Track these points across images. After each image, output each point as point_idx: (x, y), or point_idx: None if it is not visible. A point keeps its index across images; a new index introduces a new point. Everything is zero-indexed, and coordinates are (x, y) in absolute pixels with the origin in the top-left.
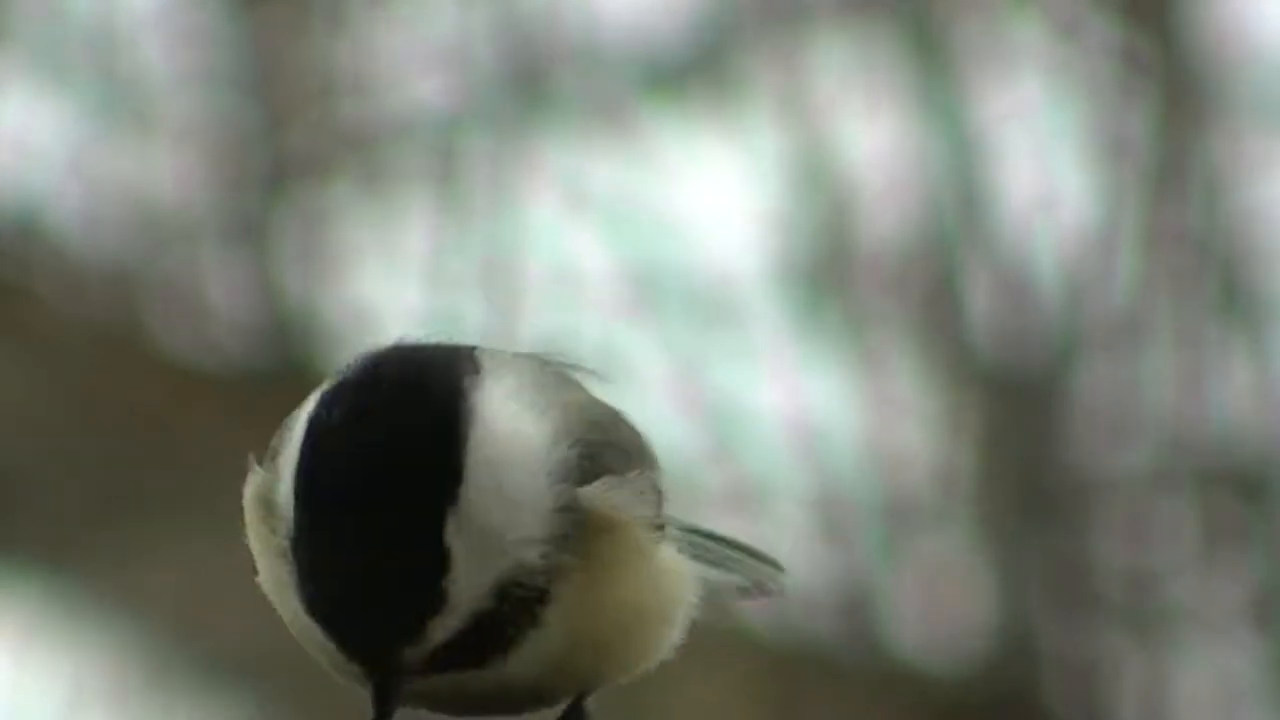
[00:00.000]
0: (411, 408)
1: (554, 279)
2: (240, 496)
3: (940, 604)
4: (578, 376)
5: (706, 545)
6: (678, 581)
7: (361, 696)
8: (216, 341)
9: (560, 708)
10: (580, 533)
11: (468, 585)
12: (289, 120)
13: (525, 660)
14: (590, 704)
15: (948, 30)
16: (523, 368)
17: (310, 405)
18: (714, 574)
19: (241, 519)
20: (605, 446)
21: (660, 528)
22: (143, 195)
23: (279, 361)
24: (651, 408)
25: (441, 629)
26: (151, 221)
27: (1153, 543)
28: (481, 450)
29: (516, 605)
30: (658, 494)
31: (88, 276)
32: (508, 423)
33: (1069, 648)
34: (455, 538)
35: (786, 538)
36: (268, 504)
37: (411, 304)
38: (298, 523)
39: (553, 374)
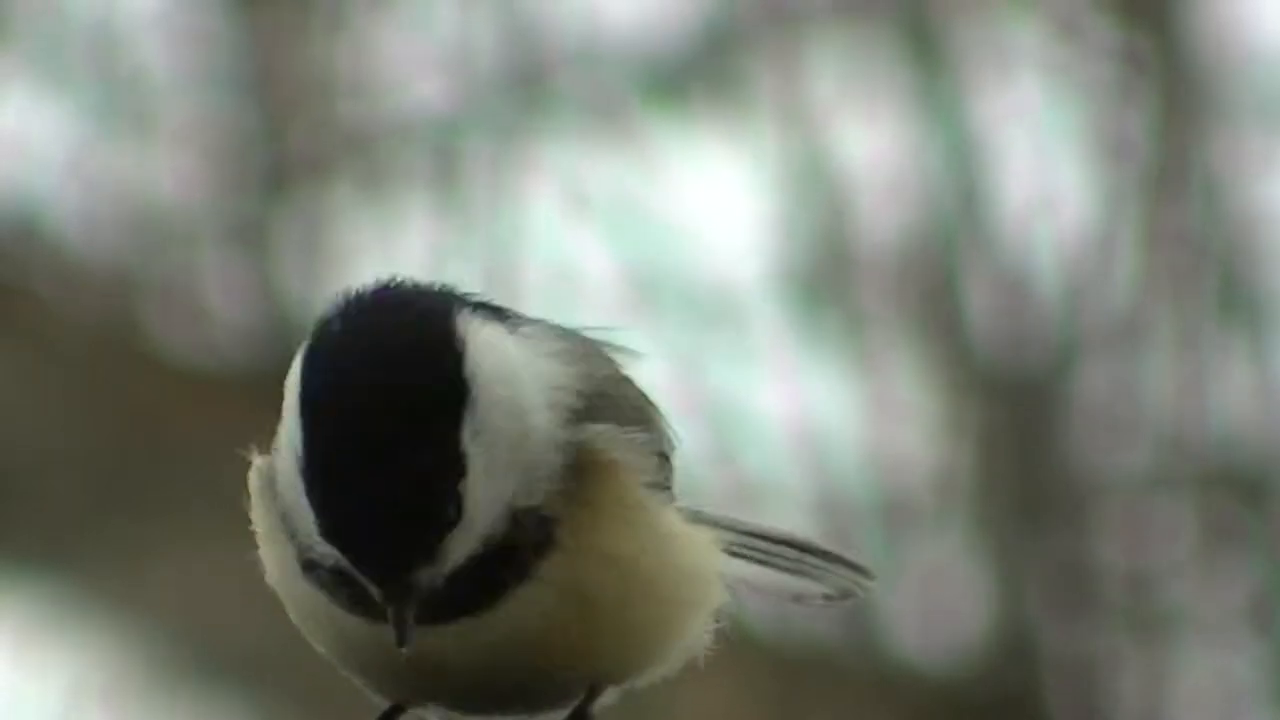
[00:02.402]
0: (416, 321)
1: (554, 280)
2: (240, 496)
3: (940, 605)
4: (606, 351)
5: (778, 551)
6: (689, 550)
7: (362, 697)
8: (216, 342)
9: (567, 709)
10: (578, 476)
11: (484, 497)
12: (289, 121)
13: (518, 621)
14: (594, 708)
15: (947, 31)
16: (540, 322)
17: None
18: (792, 581)
19: (242, 518)
20: (606, 399)
21: (666, 489)
22: (142, 196)
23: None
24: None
25: (458, 545)
26: (151, 222)
27: (1152, 543)
28: (487, 363)
29: (523, 535)
30: (661, 458)
31: (87, 277)
32: (512, 348)
33: (1068, 649)
34: (471, 444)
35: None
36: (274, 488)
37: None
38: (307, 441)
39: (571, 335)
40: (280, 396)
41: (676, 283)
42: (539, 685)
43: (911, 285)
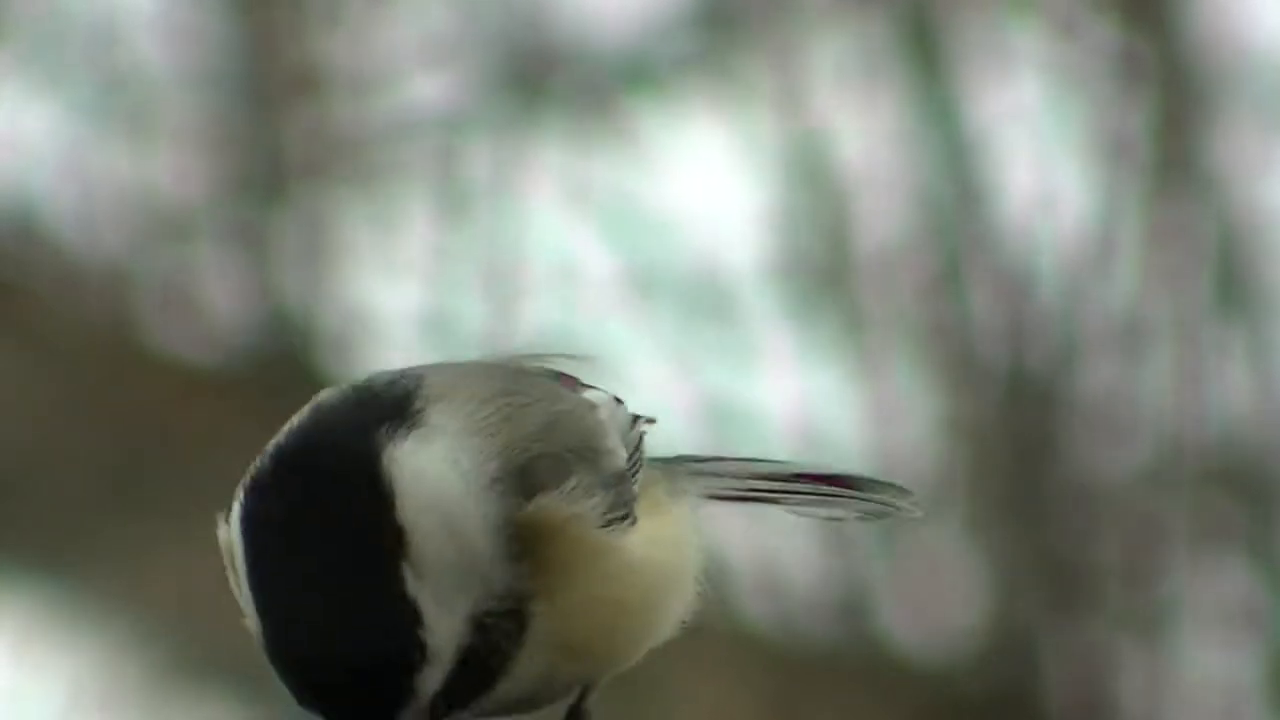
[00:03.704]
0: (333, 486)
1: (553, 277)
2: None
3: (939, 603)
4: (536, 384)
5: (797, 487)
6: (660, 562)
7: None
8: (216, 341)
9: (562, 706)
10: (531, 547)
11: (444, 629)
12: (287, 119)
13: (519, 680)
14: (590, 704)
15: (946, 29)
16: (467, 388)
17: (238, 506)
18: (820, 510)
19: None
20: (541, 459)
21: (624, 518)
22: (141, 194)
23: (278, 361)
24: (650, 406)
25: (431, 680)
26: (150, 220)
27: (1151, 542)
28: (413, 499)
29: (495, 633)
30: (613, 481)
31: (86, 276)
32: (436, 464)
33: (1068, 647)
34: (418, 588)
35: (786, 536)
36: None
37: (411, 303)
38: (262, 630)
39: (501, 385)
40: (280, 396)
41: (675, 278)
42: (535, 702)
43: (910, 282)
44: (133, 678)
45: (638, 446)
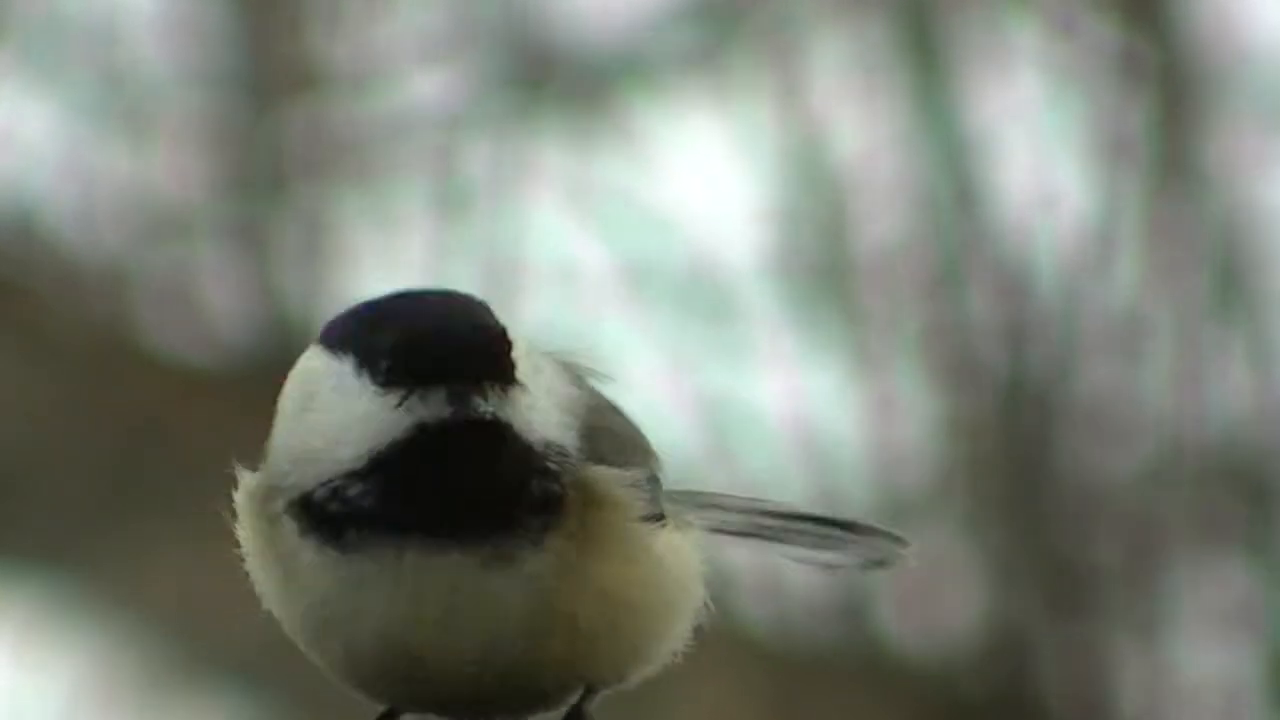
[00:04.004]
0: (457, 295)
1: (552, 275)
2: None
3: (938, 603)
4: (587, 376)
5: (800, 528)
6: (674, 567)
7: (360, 699)
8: (215, 341)
9: (563, 709)
10: (576, 508)
11: (535, 393)
12: (287, 119)
13: (528, 574)
14: (591, 707)
15: (946, 29)
16: (544, 357)
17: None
18: (819, 555)
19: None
20: (603, 432)
21: (658, 517)
22: (140, 193)
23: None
24: (650, 405)
25: (516, 405)
26: (149, 220)
27: (1151, 542)
28: (522, 350)
29: (544, 482)
30: (655, 487)
31: (85, 275)
32: (538, 352)
33: (1067, 647)
34: (522, 359)
35: None
36: (265, 504)
37: None
38: (376, 318)
39: (562, 365)
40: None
41: (673, 277)
42: (527, 689)
43: (910, 282)
44: (133, 678)
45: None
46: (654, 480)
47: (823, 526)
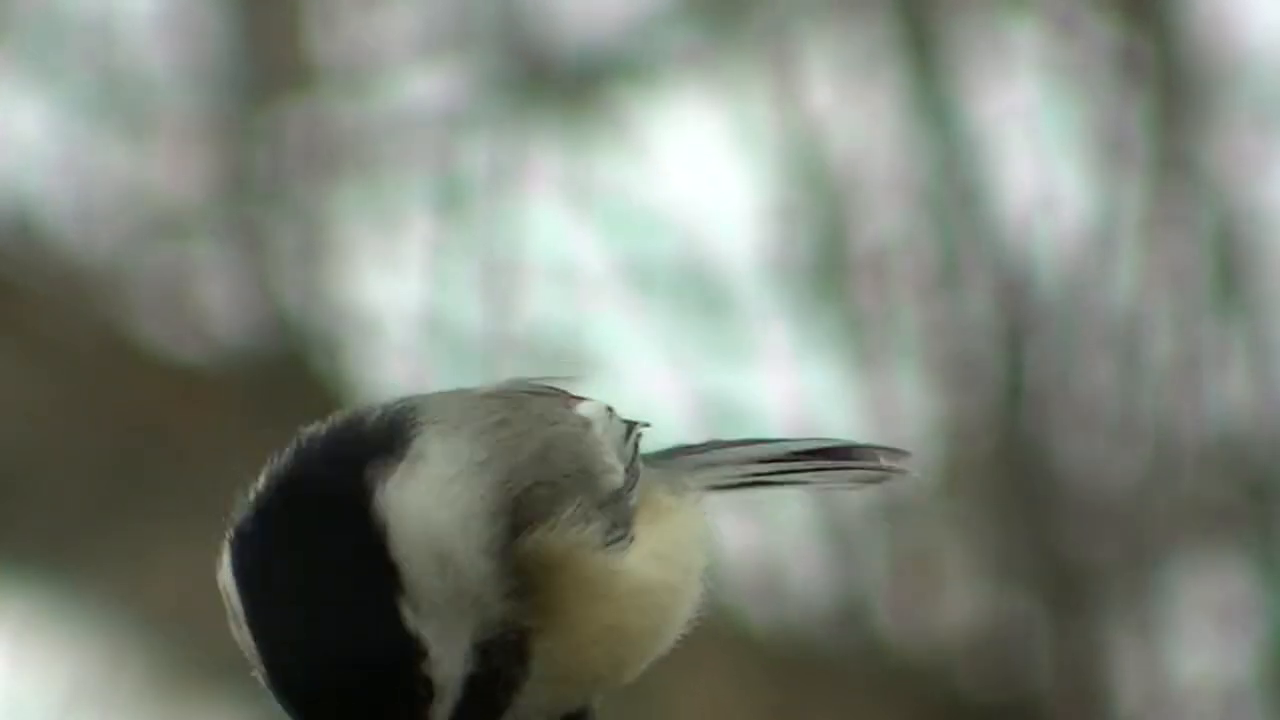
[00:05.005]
0: (323, 528)
1: (550, 273)
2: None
3: (938, 603)
4: (542, 392)
5: (797, 465)
6: (660, 582)
7: None
8: (215, 341)
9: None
10: (533, 579)
11: (449, 660)
12: (285, 117)
13: (527, 707)
14: (593, 705)
15: (945, 28)
16: (459, 418)
17: (229, 546)
18: (821, 485)
19: None
20: (538, 486)
21: (621, 538)
22: (138, 192)
23: (277, 360)
24: (645, 401)
25: (441, 713)
26: (147, 219)
27: (1150, 541)
28: (405, 535)
29: (500, 660)
30: (610, 500)
31: (84, 275)
32: (427, 498)
33: (1066, 646)
34: (418, 623)
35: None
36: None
37: (409, 300)
38: (268, 677)
39: (494, 415)
40: (280, 396)
41: (672, 275)
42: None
43: (910, 282)
44: (133, 678)
45: (634, 456)
46: (614, 495)
47: (817, 460)
